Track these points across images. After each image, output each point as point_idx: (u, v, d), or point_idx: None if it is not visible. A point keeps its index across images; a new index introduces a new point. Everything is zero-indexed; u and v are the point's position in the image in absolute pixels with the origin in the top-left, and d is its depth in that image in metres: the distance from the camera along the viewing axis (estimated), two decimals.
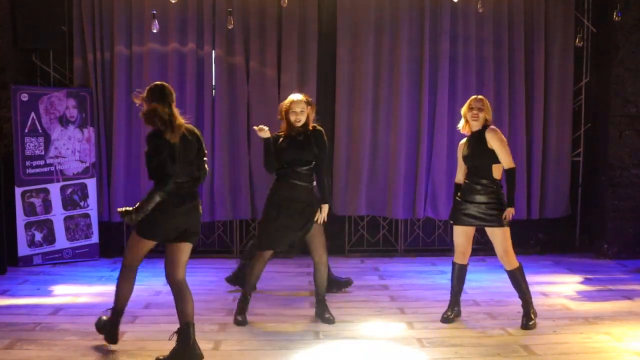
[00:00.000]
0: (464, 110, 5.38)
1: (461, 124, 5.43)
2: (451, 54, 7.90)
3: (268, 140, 5.31)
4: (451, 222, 5.51)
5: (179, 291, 4.56)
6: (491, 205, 5.28)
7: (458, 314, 5.55)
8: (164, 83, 4.65)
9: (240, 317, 5.39)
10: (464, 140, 5.45)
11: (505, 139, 5.38)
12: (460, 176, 5.49)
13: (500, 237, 5.30)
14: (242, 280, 6.02)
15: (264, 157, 5.39)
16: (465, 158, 5.39)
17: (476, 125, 5.32)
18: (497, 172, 5.32)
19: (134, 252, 4.68)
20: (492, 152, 5.26)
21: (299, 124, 5.32)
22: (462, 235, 5.44)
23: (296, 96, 5.38)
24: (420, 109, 7.90)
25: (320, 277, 5.42)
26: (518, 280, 5.36)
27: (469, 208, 5.32)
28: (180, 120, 4.49)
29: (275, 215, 5.30)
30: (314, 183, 5.40)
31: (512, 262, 5.33)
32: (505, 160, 5.28)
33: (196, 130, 4.71)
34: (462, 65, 7.93)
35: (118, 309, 4.77)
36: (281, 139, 5.38)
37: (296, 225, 5.30)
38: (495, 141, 5.24)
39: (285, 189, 5.33)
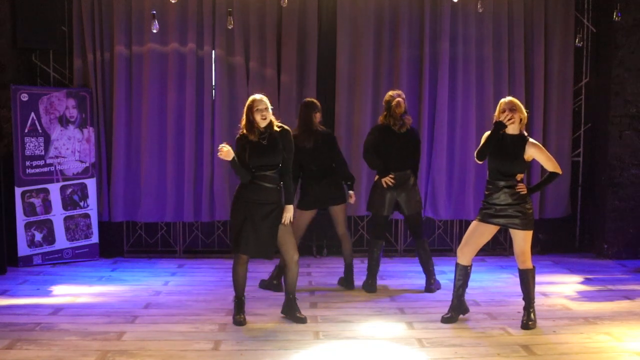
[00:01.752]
0: (496, 116, 5.26)
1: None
2: (451, 54, 7.91)
3: (233, 160, 5.20)
4: (478, 219, 5.38)
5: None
6: (516, 208, 5.24)
7: (465, 312, 5.53)
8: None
9: (239, 316, 5.39)
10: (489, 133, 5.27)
11: (544, 148, 5.34)
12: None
13: (521, 238, 5.32)
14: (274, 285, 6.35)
15: (236, 174, 5.34)
16: (494, 157, 5.24)
17: (512, 129, 5.21)
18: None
19: None
20: (526, 163, 5.24)
21: (264, 124, 5.24)
22: (485, 235, 5.38)
23: (258, 95, 5.31)
24: (420, 108, 7.90)
25: (292, 276, 5.40)
26: (527, 281, 5.34)
27: (493, 208, 5.28)
28: None
29: (242, 219, 5.24)
30: (281, 184, 5.35)
31: (527, 263, 5.35)
32: (553, 167, 5.26)
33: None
34: (462, 65, 7.94)
35: None
36: (246, 145, 5.25)
37: (265, 227, 5.24)
38: (539, 155, 5.21)
39: (252, 192, 5.26)
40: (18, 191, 7.34)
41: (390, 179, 6.15)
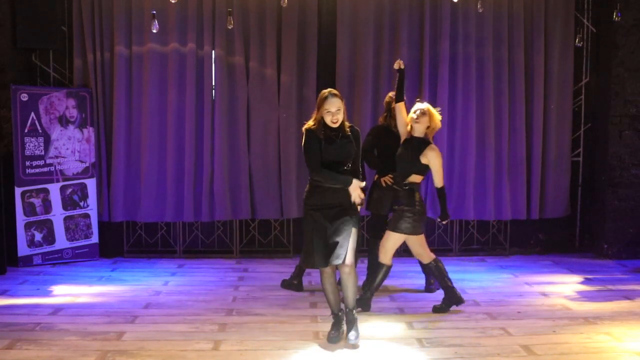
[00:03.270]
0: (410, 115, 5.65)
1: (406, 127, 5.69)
2: (451, 54, 7.90)
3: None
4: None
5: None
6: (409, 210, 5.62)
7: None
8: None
9: (332, 332, 4.94)
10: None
11: (440, 158, 5.64)
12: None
13: (412, 240, 5.76)
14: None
15: (332, 181, 4.84)
16: (397, 158, 5.72)
17: (419, 132, 5.62)
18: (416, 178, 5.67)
19: None
20: (423, 166, 5.59)
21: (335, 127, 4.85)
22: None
23: (330, 95, 4.78)
24: None
25: (344, 286, 4.90)
26: (434, 272, 5.81)
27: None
28: None
29: (310, 229, 4.84)
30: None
31: (425, 257, 5.83)
32: (438, 179, 5.60)
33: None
34: (462, 65, 7.93)
35: None
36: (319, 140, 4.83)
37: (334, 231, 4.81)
38: (433, 161, 5.55)
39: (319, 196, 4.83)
40: (18, 191, 7.34)
41: (390, 178, 6.15)
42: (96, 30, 7.67)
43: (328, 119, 4.77)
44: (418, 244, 5.75)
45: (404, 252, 8.07)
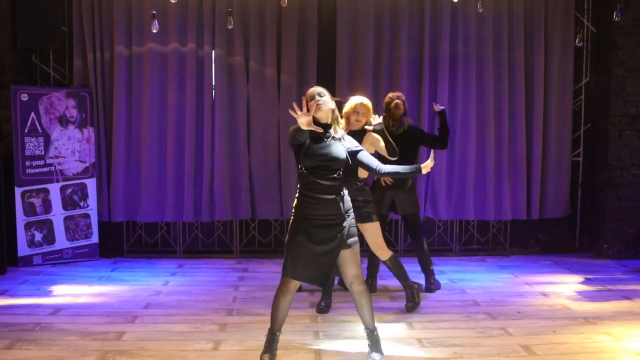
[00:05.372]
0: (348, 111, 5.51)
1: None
2: (451, 54, 7.90)
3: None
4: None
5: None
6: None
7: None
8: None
9: (267, 356, 4.48)
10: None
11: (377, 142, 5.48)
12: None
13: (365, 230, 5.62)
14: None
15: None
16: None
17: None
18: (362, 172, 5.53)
19: None
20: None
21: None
22: None
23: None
24: (420, 108, 7.90)
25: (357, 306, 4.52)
26: (392, 269, 5.77)
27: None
28: None
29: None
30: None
31: (382, 253, 5.73)
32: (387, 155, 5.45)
33: None
34: (462, 65, 7.93)
35: None
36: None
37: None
38: (371, 142, 5.37)
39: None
40: (18, 191, 7.34)
41: (390, 179, 6.16)
42: (96, 30, 7.67)
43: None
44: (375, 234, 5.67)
45: (404, 252, 8.10)
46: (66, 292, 6.34)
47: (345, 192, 4.42)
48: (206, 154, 7.82)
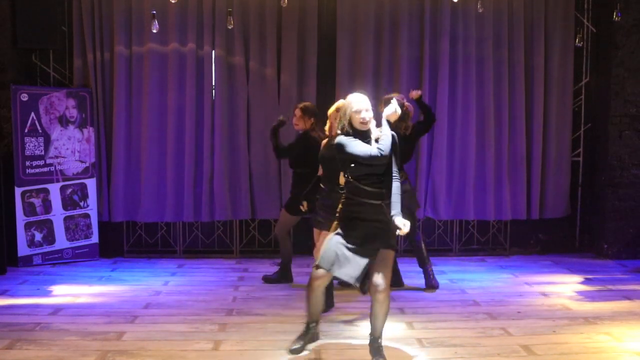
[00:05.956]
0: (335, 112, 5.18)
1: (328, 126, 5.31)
2: (451, 53, 7.90)
3: None
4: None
5: None
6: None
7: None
8: None
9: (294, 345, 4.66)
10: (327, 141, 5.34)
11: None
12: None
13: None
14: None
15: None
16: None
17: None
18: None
19: None
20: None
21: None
22: None
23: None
24: None
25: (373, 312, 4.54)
26: None
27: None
28: None
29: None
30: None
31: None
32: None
33: None
34: (462, 65, 7.93)
35: None
36: None
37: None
38: None
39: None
40: (18, 191, 7.34)
41: None
42: (96, 30, 7.67)
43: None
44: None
45: (403, 252, 8.10)
46: (66, 292, 6.34)
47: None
48: (206, 153, 7.82)
